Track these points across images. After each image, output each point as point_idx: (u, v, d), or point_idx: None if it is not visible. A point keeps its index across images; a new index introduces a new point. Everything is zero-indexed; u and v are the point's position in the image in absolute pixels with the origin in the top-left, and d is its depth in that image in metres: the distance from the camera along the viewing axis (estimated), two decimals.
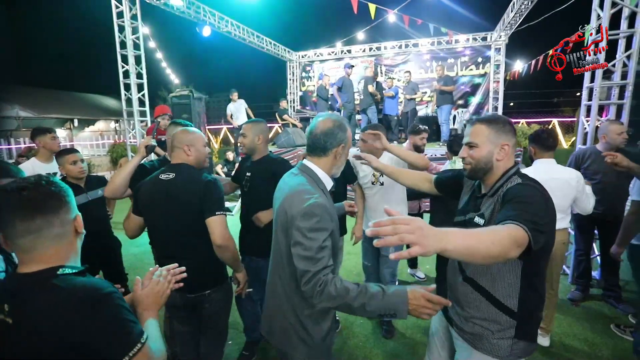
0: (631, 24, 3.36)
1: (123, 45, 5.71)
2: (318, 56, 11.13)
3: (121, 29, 5.67)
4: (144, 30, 6.37)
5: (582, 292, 3.14)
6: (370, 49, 10.33)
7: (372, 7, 6.87)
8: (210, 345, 1.84)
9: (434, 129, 7.60)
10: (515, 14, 7.24)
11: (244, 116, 7.94)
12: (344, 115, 7.19)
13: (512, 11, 7.32)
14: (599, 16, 3.41)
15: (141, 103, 6.07)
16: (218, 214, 1.61)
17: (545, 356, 2.40)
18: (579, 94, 4.20)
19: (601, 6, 3.39)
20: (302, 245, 1.14)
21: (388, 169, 1.82)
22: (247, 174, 2.22)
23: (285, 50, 10.90)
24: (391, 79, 8.22)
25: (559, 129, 11.59)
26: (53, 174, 2.66)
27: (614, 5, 3.31)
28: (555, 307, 2.57)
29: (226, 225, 1.64)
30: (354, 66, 8.47)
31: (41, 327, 0.79)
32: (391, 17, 7.66)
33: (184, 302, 1.69)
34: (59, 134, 3.07)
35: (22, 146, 10.86)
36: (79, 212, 0.96)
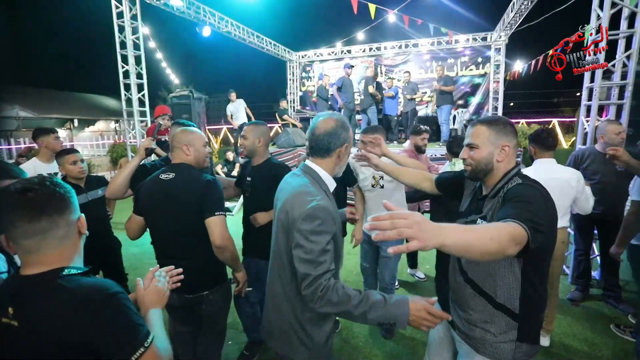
0: (631, 24, 3.36)
1: (123, 45, 5.71)
2: (318, 56, 11.11)
3: (121, 29, 5.67)
4: (144, 30, 6.37)
5: (582, 292, 3.15)
6: (370, 49, 10.32)
7: (372, 7, 6.86)
8: (208, 345, 1.84)
9: (434, 129, 7.59)
10: (515, 14, 7.23)
11: (244, 115, 7.95)
12: (344, 115, 7.20)
13: (512, 11, 7.31)
14: (598, 16, 3.41)
15: (141, 103, 6.07)
16: (217, 214, 1.60)
17: (545, 356, 2.40)
18: (579, 94, 4.20)
19: (601, 6, 3.39)
20: (303, 248, 1.12)
21: (388, 167, 1.81)
22: (248, 179, 2.24)
23: (285, 50, 10.89)
24: (391, 79, 8.23)
25: (559, 129, 11.60)
26: (54, 174, 2.67)
27: (613, 5, 3.32)
28: (556, 307, 2.57)
29: (225, 226, 1.63)
30: (353, 66, 8.47)
31: (50, 328, 0.79)
32: (391, 17, 7.66)
33: (182, 303, 1.69)
34: (59, 134, 3.08)
35: (22, 146, 10.86)
36: (82, 213, 0.96)
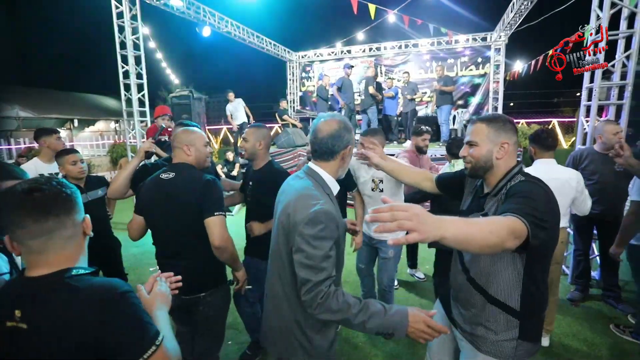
0: (630, 24, 3.36)
1: (123, 45, 5.70)
2: (318, 56, 11.11)
3: (121, 29, 5.67)
4: (144, 30, 6.38)
5: (582, 292, 3.15)
6: (370, 49, 10.32)
7: (372, 8, 6.86)
8: (206, 346, 1.83)
9: (434, 129, 7.60)
10: (515, 14, 7.23)
11: (243, 115, 7.97)
12: (344, 115, 7.20)
13: (512, 11, 7.31)
14: (598, 16, 3.42)
15: (141, 103, 6.06)
16: (217, 214, 1.59)
17: (545, 356, 2.40)
18: (578, 94, 4.20)
19: (601, 6, 3.40)
20: (304, 252, 1.10)
21: (388, 166, 1.81)
22: (250, 183, 2.26)
23: (285, 50, 10.89)
24: (391, 79, 8.24)
25: (558, 129, 11.61)
26: (55, 174, 2.68)
27: (613, 5, 3.32)
28: (556, 307, 2.58)
29: (225, 226, 1.62)
30: (353, 66, 8.48)
31: (62, 329, 0.78)
32: (391, 17, 7.66)
33: (178, 304, 1.68)
34: (60, 134, 3.10)
35: (22, 146, 10.87)
36: (86, 214, 0.95)
